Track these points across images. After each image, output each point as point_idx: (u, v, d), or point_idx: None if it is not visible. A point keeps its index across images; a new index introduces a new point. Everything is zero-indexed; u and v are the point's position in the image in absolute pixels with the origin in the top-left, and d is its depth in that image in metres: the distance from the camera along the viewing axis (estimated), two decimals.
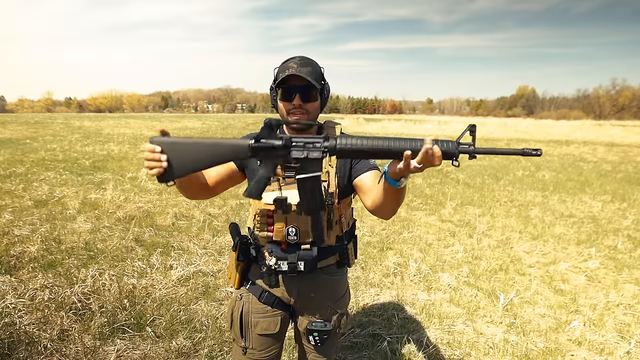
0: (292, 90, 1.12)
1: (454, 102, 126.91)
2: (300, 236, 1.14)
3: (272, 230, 1.15)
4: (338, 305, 1.31)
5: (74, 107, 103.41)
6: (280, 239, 1.15)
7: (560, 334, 2.40)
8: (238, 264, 1.23)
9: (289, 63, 1.13)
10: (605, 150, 14.43)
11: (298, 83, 1.11)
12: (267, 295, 1.24)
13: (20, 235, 3.54)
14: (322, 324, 1.25)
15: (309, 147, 0.93)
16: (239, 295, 1.27)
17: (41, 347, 1.99)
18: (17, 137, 12.60)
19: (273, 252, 1.16)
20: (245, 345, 1.26)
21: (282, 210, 1.12)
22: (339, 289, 1.32)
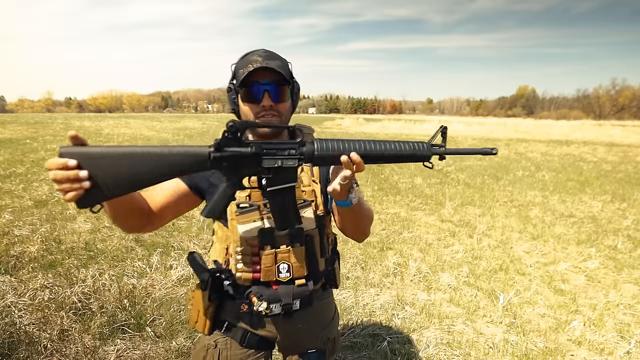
0: (260, 88, 0.91)
1: (454, 102, 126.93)
2: (294, 272, 0.96)
3: (260, 270, 0.94)
4: (329, 331, 1.14)
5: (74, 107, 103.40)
6: (269, 279, 0.95)
7: (560, 334, 2.40)
8: (209, 305, 0.99)
9: (252, 57, 0.93)
10: (605, 150, 14.43)
11: (266, 79, 0.91)
12: (250, 336, 1.04)
13: (20, 236, 3.54)
14: (317, 354, 1.10)
15: (282, 154, 0.79)
16: (213, 342, 1.04)
17: (41, 347, 1.99)
18: (17, 137, 12.60)
19: (263, 296, 0.95)
20: None
21: (270, 244, 0.94)
22: (327, 313, 1.14)
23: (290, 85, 0.96)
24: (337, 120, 37.11)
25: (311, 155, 0.80)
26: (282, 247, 0.95)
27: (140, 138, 13.77)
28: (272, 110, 0.93)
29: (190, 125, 23.34)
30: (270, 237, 0.94)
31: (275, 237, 0.94)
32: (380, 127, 27.74)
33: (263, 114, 0.93)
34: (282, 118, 0.96)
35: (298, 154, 0.80)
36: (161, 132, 16.96)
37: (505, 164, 9.85)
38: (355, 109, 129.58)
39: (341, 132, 21.56)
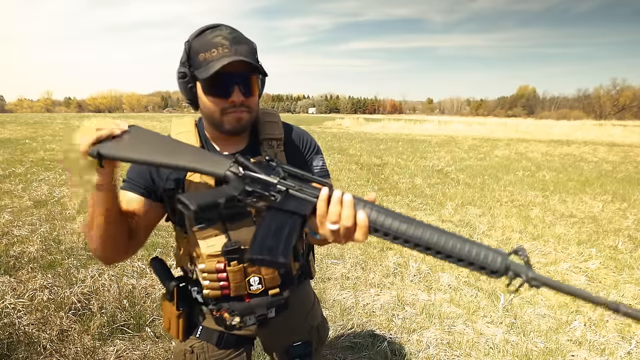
0: (230, 81, 0.78)
1: (454, 102, 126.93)
2: (266, 283, 0.88)
3: (229, 287, 0.87)
4: (312, 319, 1.09)
5: (74, 107, 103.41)
6: (240, 293, 0.88)
7: (561, 335, 2.39)
8: (178, 313, 0.94)
9: (215, 38, 0.77)
10: (606, 150, 14.43)
11: (236, 70, 0.77)
12: (227, 337, 0.99)
13: (19, 236, 3.54)
14: (302, 346, 1.05)
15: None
16: (189, 348, 0.99)
17: (40, 347, 1.99)
18: (17, 137, 12.59)
19: (235, 311, 0.89)
20: None
21: (238, 260, 0.85)
22: (306, 301, 1.09)
23: (259, 73, 0.83)
24: (337, 120, 37.10)
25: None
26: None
27: None
28: (243, 106, 0.81)
29: None
30: (237, 251, 0.84)
31: (242, 251, 0.84)
32: (380, 127, 27.72)
33: (232, 111, 0.81)
34: (252, 114, 0.85)
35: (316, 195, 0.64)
36: (161, 133, 16.93)
37: (505, 163, 9.85)
38: (355, 109, 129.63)
39: (341, 132, 21.55)
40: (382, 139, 16.88)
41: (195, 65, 0.79)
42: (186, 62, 0.81)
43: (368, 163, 9.09)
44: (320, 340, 1.12)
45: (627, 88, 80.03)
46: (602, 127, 28.44)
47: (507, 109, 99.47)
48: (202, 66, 0.77)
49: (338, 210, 0.60)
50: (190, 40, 0.80)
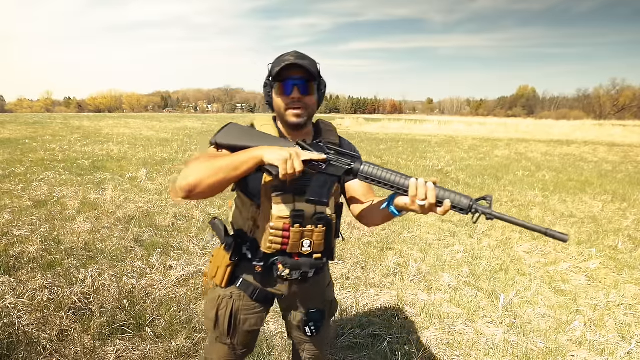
0: (290, 82, 1.07)
1: (454, 102, 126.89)
2: (314, 247, 1.13)
3: (287, 243, 1.11)
4: (327, 294, 1.34)
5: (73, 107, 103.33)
6: (293, 251, 1.13)
7: (561, 335, 2.39)
8: (229, 263, 1.17)
9: (285, 57, 1.08)
10: (606, 150, 14.43)
11: (296, 75, 1.06)
12: (259, 292, 1.21)
13: (19, 236, 3.54)
14: (317, 313, 1.27)
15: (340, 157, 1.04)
16: (229, 293, 1.21)
17: (40, 347, 1.99)
18: (16, 137, 12.59)
19: (287, 264, 1.13)
20: (232, 343, 1.24)
21: (300, 223, 1.10)
22: (325, 278, 1.34)
23: (316, 81, 1.11)
24: (337, 120, 37.10)
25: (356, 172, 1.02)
26: (308, 227, 1.11)
27: (140, 138, 13.76)
28: (300, 102, 1.08)
29: (190, 125, 23.33)
30: (301, 217, 1.10)
31: (305, 218, 1.10)
32: (380, 127, 27.72)
33: (292, 105, 1.08)
34: (309, 110, 1.11)
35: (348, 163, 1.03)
36: (161, 132, 16.95)
37: (505, 163, 9.85)
38: (355, 109, 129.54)
39: (341, 132, 21.46)
40: (382, 139, 16.88)
41: (271, 75, 1.09)
42: (267, 77, 1.12)
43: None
44: (331, 313, 1.36)
45: (627, 88, 79.99)
46: (602, 127, 28.45)
47: (507, 109, 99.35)
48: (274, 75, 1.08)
49: (423, 190, 0.93)
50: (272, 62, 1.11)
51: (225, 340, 1.23)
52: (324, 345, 1.40)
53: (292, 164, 0.93)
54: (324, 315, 1.29)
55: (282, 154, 0.93)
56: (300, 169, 0.94)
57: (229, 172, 0.95)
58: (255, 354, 2.04)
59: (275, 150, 0.95)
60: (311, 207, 1.10)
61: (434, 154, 11.51)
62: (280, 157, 0.93)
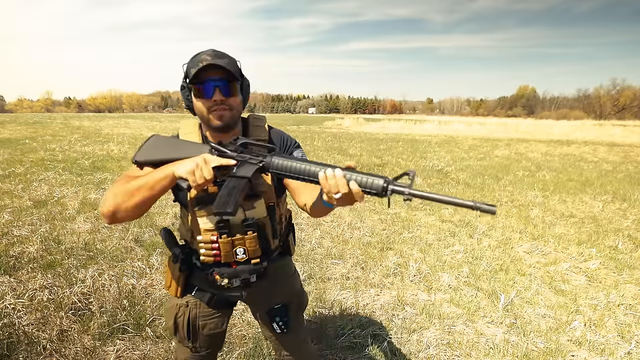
0: (210, 84, 1.00)
1: (454, 102, 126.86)
2: (249, 253, 1.10)
3: (220, 255, 1.09)
4: (290, 286, 1.31)
5: (73, 107, 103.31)
6: (228, 260, 1.10)
7: (561, 335, 2.39)
8: (179, 274, 1.17)
9: (201, 56, 1.01)
10: (606, 150, 14.43)
11: (215, 76, 1.00)
12: (216, 298, 1.22)
13: (19, 236, 3.54)
14: (282, 308, 1.26)
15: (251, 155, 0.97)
16: (184, 302, 1.21)
17: (40, 347, 1.99)
18: (16, 137, 12.59)
19: (224, 274, 1.10)
20: (194, 346, 1.26)
21: (227, 233, 1.07)
22: (285, 271, 1.31)
23: (239, 81, 1.05)
24: (337, 120, 37.10)
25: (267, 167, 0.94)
26: (237, 235, 1.08)
27: (140, 138, 13.76)
28: (224, 104, 1.03)
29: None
30: (227, 227, 1.07)
31: (231, 227, 1.07)
32: (380, 127, 27.72)
33: (215, 108, 1.02)
34: (234, 111, 1.06)
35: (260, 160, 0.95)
36: (161, 132, 16.93)
37: (505, 164, 9.85)
38: (355, 109, 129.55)
39: (341, 132, 21.54)
40: (382, 139, 16.87)
41: (188, 77, 1.02)
42: (184, 78, 1.05)
43: (368, 163, 9.10)
44: (298, 306, 1.33)
45: (627, 88, 79.96)
46: (602, 127, 28.44)
47: (507, 109, 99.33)
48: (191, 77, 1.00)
49: (334, 182, 0.83)
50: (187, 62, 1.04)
51: (187, 344, 1.25)
52: (300, 342, 1.37)
53: (201, 174, 0.89)
54: (289, 309, 1.27)
55: (189, 166, 0.90)
56: (209, 177, 0.90)
57: (145, 192, 0.93)
58: (255, 354, 2.04)
59: (184, 164, 0.92)
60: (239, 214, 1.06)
61: (434, 154, 11.51)
62: (188, 169, 0.90)
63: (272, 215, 1.13)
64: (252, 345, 2.11)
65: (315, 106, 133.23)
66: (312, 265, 3.24)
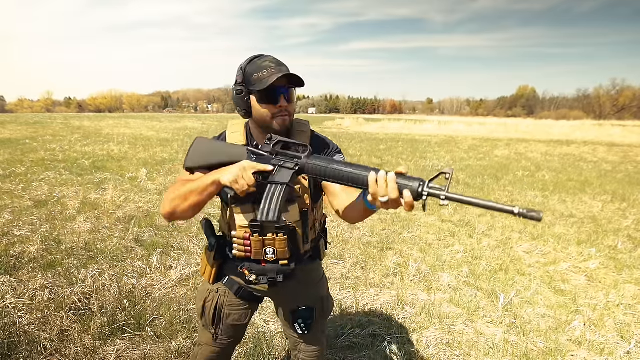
0: (277, 91, 1.05)
1: (454, 102, 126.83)
2: (278, 254, 1.14)
3: (250, 252, 1.15)
4: (317, 290, 1.33)
5: (74, 107, 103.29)
6: (259, 258, 1.15)
7: (561, 334, 2.39)
8: (214, 263, 1.24)
9: (263, 62, 1.07)
10: (606, 150, 14.43)
11: (282, 83, 1.05)
12: (244, 290, 1.27)
13: (20, 236, 3.54)
14: (306, 310, 1.28)
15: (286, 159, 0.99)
16: (215, 289, 1.28)
17: (41, 347, 1.99)
18: (17, 137, 12.59)
19: (253, 270, 1.16)
20: (216, 332, 1.30)
21: (259, 233, 1.12)
22: (314, 274, 1.33)
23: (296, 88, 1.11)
24: (337, 120, 37.10)
25: (303, 168, 0.96)
26: (269, 235, 1.12)
27: (140, 138, 13.76)
28: (286, 111, 1.09)
29: (190, 125, 23.33)
30: (259, 226, 1.11)
31: (264, 227, 1.11)
32: (380, 127, 27.72)
33: (280, 114, 1.08)
34: (292, 117, 1.12)
35: (295, 163, 0.97)
36: (161, 132, 16.95)
37: (505, 164, 9.85)
38: (355, 109, 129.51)
39: (341, 132, 21.54)
40: (382, 139, 16.88)
41: (249, 83, 1.07)
42: (242, 82, 1.09)
43: (368, 163, 9.10)
44: (323, 310, 1.35)
45: (627, 88, 79.95)
46: (602, 127, 28.45)
47: (507, 109, 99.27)
48: (257, 82, 1.05)
49: (384, 186, 0.83)
50: (243, 66, 1.09)
51: (210, 329, 1.30)
52: (319, 345, 1.39)
53: (243, 182, 0.96)
54: (314, 313, 1.30)
55: (232, 176, 0.96)
56: (251, 183, 0.96)
57: (197, 196, 1.02)
58: (255, 353, 2.05)
59: (227, 173, 0.98)
60: None
61: (434, 154, 11.51)
62: (231, 179, 0.96)
63: (304, 220, 1.16)
64: (252, 345, 2.12)
65: (315, 106, 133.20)
66: None
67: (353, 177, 0.88)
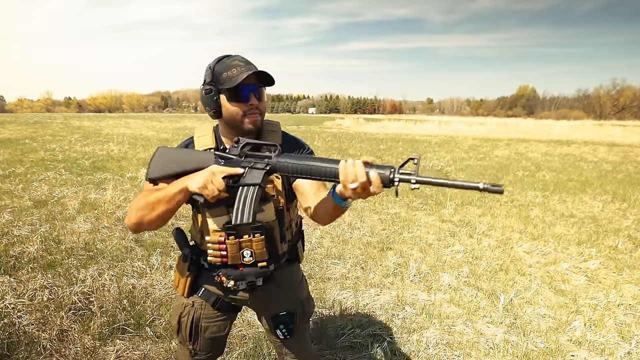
0: (247, 89, 1.03)
1: (454, 102, 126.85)
2: (256, 256, 1.10)
3: (227, 256, 1.10)
4: (296, 294, 1.30)
5: (74, 107, 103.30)
6: (235, 262, 1.11)
7: (561, 335, 2.39)
8: (188, 274, 1.19)
9: (232, 61, 1.05)
10: (606, 150, 14.43)
11: (251, 82, 1.04)
12: (221, 301, 1.23)
13: (19, 236, 3.54)
14: (287, 315, 1.25)
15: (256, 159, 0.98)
16: (191, 302, 1.23)
17: (40, 347, 1.99)
18: (17, 137, 12.59)
19: (230, 276, 1.12)
20: (194, 348, 1.26)
21: (234, 235, 1.08)
22: (293, 278, 1.30)
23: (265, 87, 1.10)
24: (337, 120, 37.11)
25: (274, 167, 0.95)
26: (245, 237, 1.09)
27: (140, 138, 13.76)
28: (257, 109, 1.06)
29: (190, 125, 23.33)
30: (235, 228, 1.08)
31: (239, 229, 1.08)
32: (380, 127, 27.73)
33: (250, 113, 1.05)
34: (262, 116, 1.10)
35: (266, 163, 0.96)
36: (161, 132, 16.95)
37: (505, 164, 9.85)
38: (355, 109, 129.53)
39: (341, 132, 21.54)
40: (382, 139, 16.88)
41: (219, 82, 1.04)
42: (211, 81, 1.05)
43: None
44: (304, 314, 1.32)
45: (627, 88, 79.97)
46: (602, 127, 28.45)
47: (507, 109, 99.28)
48: (226, 81, 1.02)
49: (353, 170, 0.83)
50: (212, 65, 1.06)
51: (188, 345, 1.26)
52: (303, 349, 1.37)
53: (213, 187, 0.93)
54: (294, 318, 1.27)
55: (200, 182, 0.93)
56: (221, 188, 0.93)
57: (164, 205, 0.98)
58: (255, 353, 2.04)
59: (195, 179, 0.95)
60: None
61: (434, 154, 11.51)
62: (200, 185, 0.93)
63: (280, 219, 1.13)
64: (252, 345, 2.11)
65: (315, 106, 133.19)
66: (312, 265, 3.25)
67: (324, 170, 0.88)
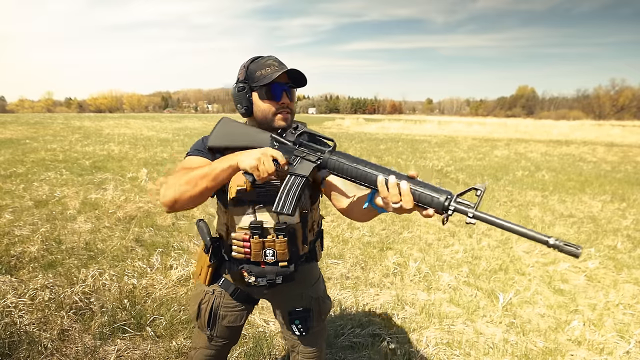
0: (280, 88, 1.06)
1: (454, 102, 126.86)
2: (278, 256, 1.13)
3: (250, 253, 1.13)
4: (313, 291, 1.31)
5: (74, 107, 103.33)
6: (257, 260, 1.13)
7: (560, 334, 2.40)
8: (209, 264, 1.22)
9: (267, 61, 1.08)
10: (605, 150, 14.44)
11: (284, 81, 1.07)
12: (240, 292, 1.26)
13: (20, 235, 3.54)
14: (303, 311, 1.27)
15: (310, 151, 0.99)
16: (211, 290, 1.26)
17: (41, 347, 2.00)
18: (18, 137, 12.60)
19: (252, 272, 1.14)
20: (211, 334, 1.29)
21: (259, 235, 1.10)
22: (311, 276, 1.32)
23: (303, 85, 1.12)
24: (337, 120, 37.12)
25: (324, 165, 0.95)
26: (269, 237, 1.11)
27: (141, 138, 13.77)
28: (288, 107, 1.09)
29: (190, 125, 23.34)
30: (260, 228, 1.10)
31: (264, 229, 1.11)
32: (380, 127, 27.73)
33: (282, 111, 1.08)
34: (293, 115, 1.12)
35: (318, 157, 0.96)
36: (161, 132, 16.96)
37: (505, 163, 9.86)
38: (355, 109, 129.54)
39: (341, 132, 21.55)
40: (382, 139, 16.89)
41: (252, 79, 1.07)
42: (245, 79, 1.09)
43: None
44: (320, 312, 1.33)
45: (627, 88, 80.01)
46: (601, 128, 28.48)
47: (507, 109, 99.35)
48: (260, 79, 1.05)
49: (396, 192, 0.83)
50: (247, 64, 1.10)
51: (206, 331, 1.29)
52: (317, 346, 1.37)
53: (264, 168, 0.92)
54: (311, 314, 1.29)
55: (253, 161, 0.92)
56: (272, 171, 0.92)
57: (207, 182, 0.97)
58: (255, 353, 2.05)
59: (247, 157, 0.94)
60: (272, 218, 1.11)
61: (434, 154, 11.52)
62: (252, 164, 0.92)
63: (304, 222, 1.16)
64: (252, 345, 2.12)
65: (315, 106, 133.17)
66: None
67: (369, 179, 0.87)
